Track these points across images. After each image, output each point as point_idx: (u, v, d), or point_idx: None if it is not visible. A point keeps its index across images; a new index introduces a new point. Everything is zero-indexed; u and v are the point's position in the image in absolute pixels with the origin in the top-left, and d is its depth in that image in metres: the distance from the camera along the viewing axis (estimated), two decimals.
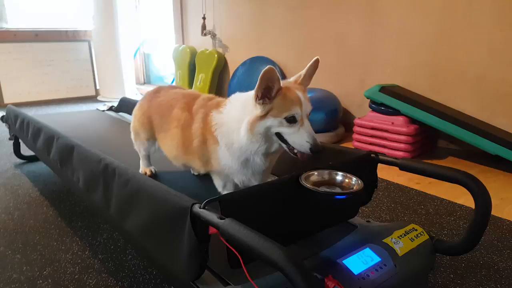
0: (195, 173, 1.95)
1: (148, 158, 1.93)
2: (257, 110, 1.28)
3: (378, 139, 3.17)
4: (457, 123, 2.86)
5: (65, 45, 6.02)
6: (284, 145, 1.31)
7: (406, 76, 3.49)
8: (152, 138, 1.80)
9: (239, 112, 1.35)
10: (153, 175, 1.91)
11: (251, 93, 1.30)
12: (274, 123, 1.27)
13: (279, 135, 1.30)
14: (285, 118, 1.25)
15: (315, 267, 1.05)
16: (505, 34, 2.89)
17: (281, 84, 1.26)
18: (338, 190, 1.13)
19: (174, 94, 1.71)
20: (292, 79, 1.39)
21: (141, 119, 1.80)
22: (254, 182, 1.42)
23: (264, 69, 1.19)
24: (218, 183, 1.54)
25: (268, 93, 1.25)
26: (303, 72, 1.37)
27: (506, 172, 2.77)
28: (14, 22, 5.76)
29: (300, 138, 1.26)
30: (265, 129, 1.28)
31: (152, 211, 1.18)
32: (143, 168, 1.93)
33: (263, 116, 1.28)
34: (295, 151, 1.28)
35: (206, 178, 1.85)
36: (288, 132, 1.27)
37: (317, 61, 1.37)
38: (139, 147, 1.90)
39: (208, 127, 1.43)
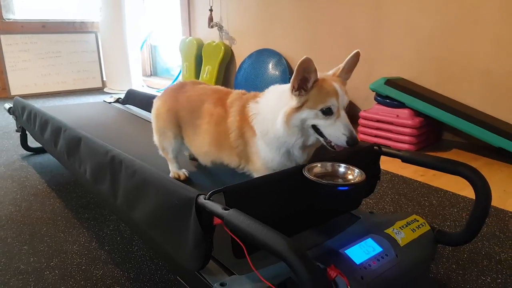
0: (203, 164, 1.92)
1: (177, 159, 1.79)
2: (293, 102, 1.26)
3: (383, 132, 3.17)
4: (461, 116, 2.86)
5: (72, 36, 6.03)
6: (321, 138, 1.28)
7: (412, 70, 3.48)
8: (179, 135, 1.71)
9: (275, 103, 1.33)
10: (187, 179, 1.78)
11: (289, 85, 1.27)
12: (310, 115, 1.24)
13: (315, 128, 1.27)
14: (321, 110, 1.22)
15: (317, 257, 1.06)
16: (510, 28, 2.87)
17: (318, 76, 1.24)
18: (340, 181, 1.14)
19: (202, 89, 1.66)
20: (331, 72, 1.36)
21: (166, 116, 1.70)
22: None
23: (301, 59, 1.17)
24: None
25: (305, 84, 1.23)
26: (342, 65, 1.34)
27: (509, 164, 2.77)
28: (22, 13, 5.77)
29: (336, 131, 1.22)
30: (301, 121, 1.26)
31: (158, 202, 1.20)
32: (175, 171, 1.78)
33: (298, 108, 1.25)
34: (332, 144, 1.25)
35: (218, 170, 1.85)
36: (324, 124, 1.24)
37: (357, 54, 1.34)
38: (167, 149, 1.76)
39: (245, 118, 1.40)
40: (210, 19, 5.21)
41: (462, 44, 3.15)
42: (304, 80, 1.23)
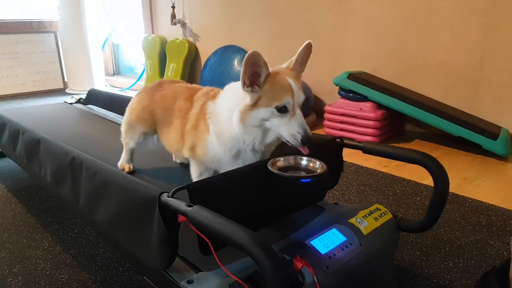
0: (177, 161, 1.93)
1: (132, 153, 1.83)
2: (247, 99, 1.23)
3: (347, 125, 3.23)
4: (422, 107, 2.94)
5: (30, 36, 5.83)
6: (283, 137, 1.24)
7: (374, 63, 3.56)
8: (150, 132, 1.73)
9: (231, 101, 1.30)
10: (131, 173, 1.81)
11: None
12: (266, 114, 1.21)
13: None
14: (276, 107, 1.19)
15: (284, 249, 1.08)
16: (465, 20, 2.99)
17: (270, 70, 1.22)
18: (303, 174, 1.16)
19: (178, 87, 1.65)
20: (284, 65, 1.33)
21: (140, 114, 1.72)
22: None
23: (248, 53, 1.14)
24: (194, 171, 1.49)
25: (257, 79, 1.20)
26: (295, 57, 1.31)
27: (469, 153, 2.88)
28: None
29: (291, 129, 1.19)
30: (259, 121, 1.22)
31: (121, 202, 1.18)
32: (124, 163, 1.83)
33: (253, 106, 1.22)
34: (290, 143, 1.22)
35: (183, 168, 1.87)
36: (279, 123, 1.21)
37: (309, 45, 1.31)
38: (130, 141, 1.79)
39: (203, 113, 1.39)
40: (173, 16, 5.15)
41: (420, 38, 3.24)
42: (255, 75, 1.20)
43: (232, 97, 1.32)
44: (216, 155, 1.37)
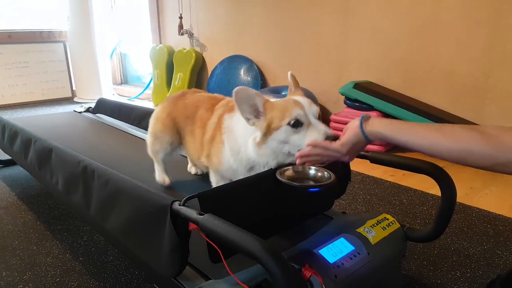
0: (194, 172, 1.94)
1: (164, 164, 1.80)
2: (258, 132, 1.22)
3: None
4: (428, 117, 2.95)
5: (39, 46, 5.90)
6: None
7: (379, 73, 3.58)
8: (176, 142, 1.72)
9: (246, 125, 1.28)
10: (171, 185, 1.79)
11: None
12: (282, 135, 1.18)
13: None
14: (288, 124, 1.17)
15: (292, 258, 1.09)
16: (470, 30, 3.00)
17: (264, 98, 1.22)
18: (311, 183, 1.17)
19: (200, 96, 1.67)
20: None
21: (165, 121, 1.71)
22: None
23: (234, 91, 1.14)
24: (213, 180, 1.51)
25: (256, 112, 1.21)
26: (290, 86, 1.36)
27: None
28: None
29: (312, 137, 1.16)
30: (278, 145, 1.20)
31: (132, 210, 1.20)
32: (161, 176, 1.79)
33: (267, 134, 1.20)
34: None
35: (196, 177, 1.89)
36: (299, 138, 1.17)
37: (292, 76, 1.36)
38: (159, 153, 1.76)
39: (219, 126, 1.40)
40: (180, 26, 5.20)
41: (426, 48, 3.26)
42: (253, 108, 1.20)
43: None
44: (231, 167, 1.38)
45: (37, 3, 6.06)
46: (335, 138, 1.15)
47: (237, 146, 1.33)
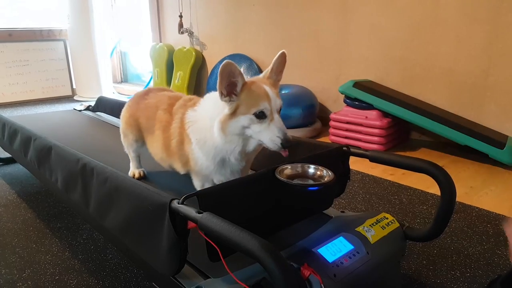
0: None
1: (138, 159, 1.88)
2: (226, 109, 1.26)
3: (353, 133, 3.24)
4: (428, 116, 2.95)
5: (40, 44, 5.91)
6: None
7: (379, 71, 3.58)
8: (140, 139, 1.77)
9: (211, 110, 1.33)
10: (142, 178, 1.86)
11: None
12: (246, 121, 1.24)
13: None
14: (254, 114, 1.23)
15: (291, 257, 1.09)
16: (470, 28, 3.00)
17: (245, 79, 1.25)
18: (310, 182, 1.17)
19: (161, 96, 1.69)
20: (261, 75, 1.38)
21: (128, 121, 1.78)
22: None
23: (223, 63, 1.16)
24: (196, 184, 1.52)
25: (234, 89, 1.23)
26: (270, 66, 1.35)
27: (475, 161, 2.88)
28: None
29: (270, 134, 1.23)
30: (240, 129, 1.26)
31: (131, 208, 1.20)
32: (132, 170, 1.88)
33: (232, 114, 1.25)
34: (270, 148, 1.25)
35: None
36: (258, 129, 1.24)
37: (283, 55, 1.35)
38: (128, 149, 1.86)
39: (183, 126, 1.42)
40: (180, 25, 5.21)
41: (425, 46, 3.26)
42: (232, 85, 1.23)
43: (212, 106, 1.34)
44: (204, 164, 1.39)
45: (38, 2, 6.06)
46: (291, 142, 1.22)
47: (203, 135, 1.35)
